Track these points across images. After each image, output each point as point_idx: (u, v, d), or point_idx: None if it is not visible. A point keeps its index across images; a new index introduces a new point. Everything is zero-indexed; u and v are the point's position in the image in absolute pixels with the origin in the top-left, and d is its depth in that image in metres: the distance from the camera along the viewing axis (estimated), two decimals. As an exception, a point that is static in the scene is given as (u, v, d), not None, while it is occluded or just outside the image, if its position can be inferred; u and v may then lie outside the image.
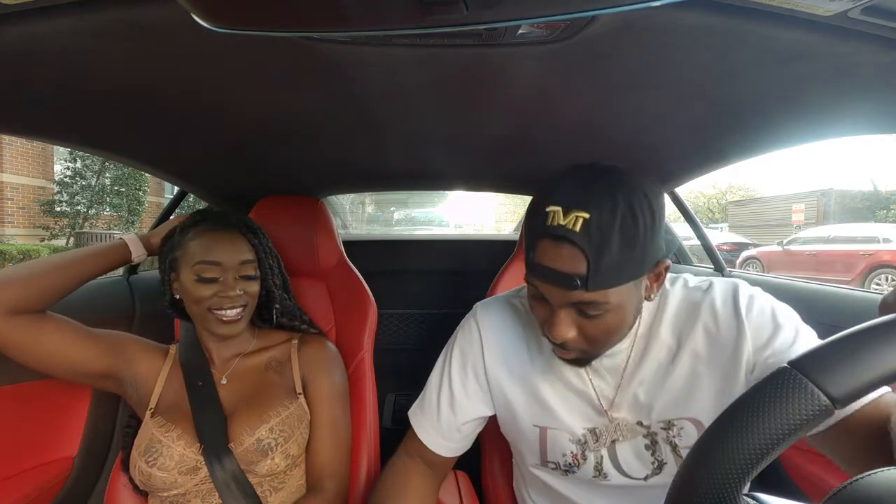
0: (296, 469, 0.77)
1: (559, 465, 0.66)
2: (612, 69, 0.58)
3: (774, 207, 15.41)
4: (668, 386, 0.61)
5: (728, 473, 0.28)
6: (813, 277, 4.00)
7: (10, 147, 7.44)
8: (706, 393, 0.59)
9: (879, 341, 0.28)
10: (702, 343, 0.60)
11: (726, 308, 0.59)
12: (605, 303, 0.51)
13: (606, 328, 0.54)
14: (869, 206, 14.15)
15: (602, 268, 0.49)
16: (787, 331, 0.56)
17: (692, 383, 0.60)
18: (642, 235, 0.49)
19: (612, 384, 0.64)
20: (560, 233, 0.49)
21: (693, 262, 1.47)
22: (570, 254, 0.49)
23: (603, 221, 0.48)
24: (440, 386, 0.71)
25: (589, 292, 0.50)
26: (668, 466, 0.62)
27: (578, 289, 0.50)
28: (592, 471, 0.65)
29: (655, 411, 0.62)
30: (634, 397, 0.63)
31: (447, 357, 0.73)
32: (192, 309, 0.76)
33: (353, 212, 5.48)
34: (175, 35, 0.50)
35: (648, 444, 0.63)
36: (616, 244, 0.48)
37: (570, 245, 0.49)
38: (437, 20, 0.36)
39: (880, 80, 0.55)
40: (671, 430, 0.61)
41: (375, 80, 0.62)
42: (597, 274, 0.49)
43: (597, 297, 0.51)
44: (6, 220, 7.44)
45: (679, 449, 0.61)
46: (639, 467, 0.63)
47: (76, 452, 0.91)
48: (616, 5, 0.34)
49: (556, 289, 0.52)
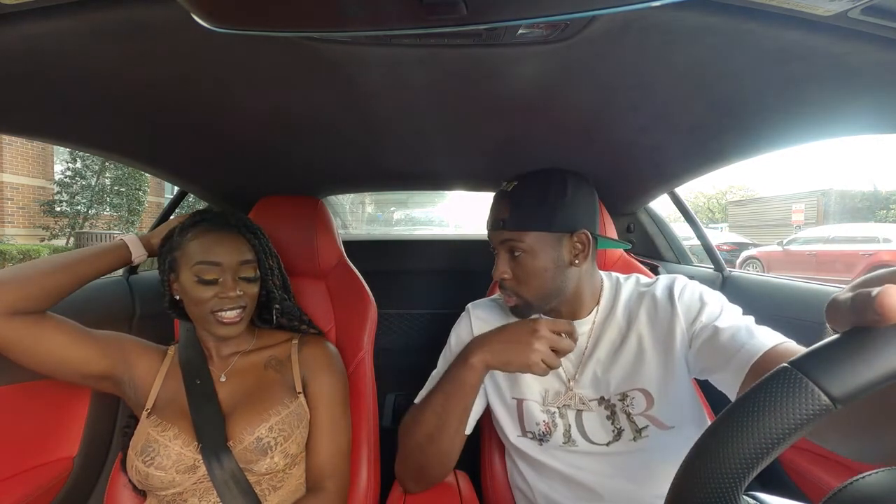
0: (295, 468, 0.77)
1: (535, 434, 0.77)
2: (612, 69, 0.58)
3: (774, 207, 15.42)
4: (619, 363, 0.74)
5: (728, 473, 0.28)
6: (813, 277, 4.00)
7: (10, 147, 7.44)
8: (651, 366, 0.72)
9: (880, 340, 0.28)
10: (645, 325, 0.74)
11: (663, 295, 0.74)
12: (522, 242, 0.71)
13: (529, 269, 0.72)
14: (869, 206, 14.15)
15: (520, 211, 0.71)
16: (713, 306, 0.69)
17: (639, 359, 0.73)
18: (551, 201, 0.71)
19: (574, 362, 0.78)
20: (499, 193, 0.75)
21: (693, 262, 1.47)
22: (502, 204, 0.73)
23: (525, 185, 0.73)
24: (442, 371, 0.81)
25: (507, 230, 0.72)
26: (626, 433, 0.73)
27: (503, 228, 0.72)
28: (562, 437, 0.75)
29: (612, 385, 0.74)
30: (594, 374, 0.76)
31: (448, 348, 0.86)
32: (192, 310, 0.76)
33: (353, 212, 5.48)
34: (175, 35, 0.50)
35: (609, 415, 0.74)
36: (532, 198, 0.71)
37: (501, 198, 0.74)
38: (437, 20, 0.36)
39: (880, 80, 0.55)
40: (625, 400, 0.73)
41: (375, 80, 0.62)
42: (515, 215, 0.71)
43: (514, 235, 0.71)
44: (6, 220, 7.44)
45: (633, 416, 0.72)
46: (602, 435, 0.74)
47: (76, 452, 0.91)
48: (616, 5, 0.34)
49: (492, 232, 0.75)
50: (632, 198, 1.34)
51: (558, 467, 0.75)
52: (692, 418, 0.73)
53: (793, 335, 0.61)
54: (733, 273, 1.21)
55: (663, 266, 1.44)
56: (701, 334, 0.67)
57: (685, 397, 0.72)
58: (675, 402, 0.71)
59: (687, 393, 0.72)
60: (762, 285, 1.10)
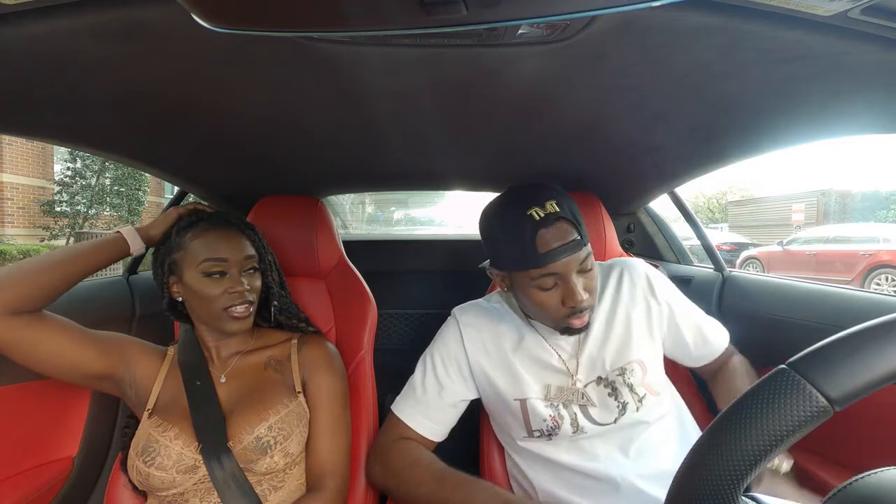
0: (295, 468, 0.77)
1: (543, 431, 0.76)
2: (613, 69, 0.58)
3: (774, 207, 15.41)
4: (612, 340, 0.78)
5: (727, 474, 0.28)
6: (813, 277, 4.00)
7: (10, 147, 7.43)
8: (639, 337, 0.78)
9: (877, 342, 0.28)
10: (627, 301, 0.80)
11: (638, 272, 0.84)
12: (591, 253, 0.70)
13: (595, 276, 0.72)
14: (869, 206, 14.15)
15: (582, 227, 0.69)
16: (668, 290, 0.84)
17: (628, 333, 0.78)
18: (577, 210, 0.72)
19: (571, 353, 0.79)
20: (551, 218, 0.67)
21: (693, 262, 1.47)
22: (565, 227, 0.68)
23: (564, 203, 0.69)
24: (424, 377, 0.83)
25: (586, 246, 0.69)
26: (630, 405, 0.75)
27: (582, 247, 0.68)
28: (570, 428, 0.75)
29: (608, 362, 0.77)
30: (589, 355, 0.78)
31: (430, 354, 0.85)
32: (202, 309, 0.76)
33: (353, 212, 5.49)
34: (175, 35, 0.50)
35: (611, 392, 0.75)
36: (577, 213, 0.70)
37: (561, 221, 0.67)
38: (437, 20, 0.36)
39: (880, 80, 0.55)
40: (625, 374, 0.76)
41: (375, 80, 0.62)
42: (582, 229, 0.69)
43: (587, 249, 0.70)
44: (6, 220, 7.43)
45: (634, 387, 0.75)
46: (607, 414, 0.75)
47: (76, 452, 0.91)
48: (616, 5, 0.34)
49: (570, 258, 0.67)
50: (632, 198, 1.34)
51: (566, 460, 0.75)
52: (667, 383, 0.83)
53: (793, 335, 0.62)
54: (733, 273, 1.21)
55: (663, 266, 1.44)
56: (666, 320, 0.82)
57: (661, 364, 0.81)
58: (659, 369, 0.80)
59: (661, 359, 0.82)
60: (762, 285, 1.10)
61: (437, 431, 0.81)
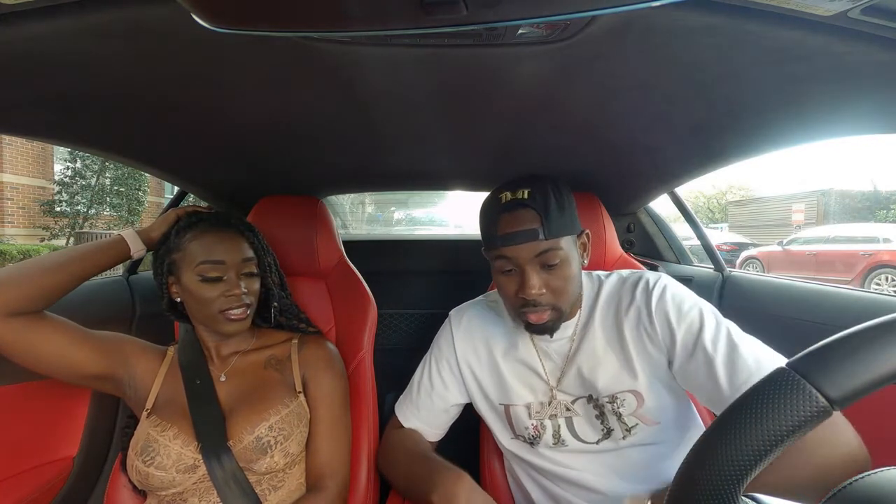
0: (295, 468, 0.77)
1: (525, 437, 0.77)
2: (613, 69, 0.58)
3: (774, 207, 15.41)
4: (606, 364, 0.73)
5: (727, 474, 0.28)
6: (813, 277, 4.00)
7: (10, 147, 7.43)
8: (639, 368, 0.71)
9: (878, 342, 0.28)
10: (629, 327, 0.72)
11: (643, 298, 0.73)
12: (559, 249, 0.66)
13: (564, 277, 0.68)
14: (869, 206, 14.14)
15: (550, 219, 0.66)
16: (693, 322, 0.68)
17: (626, 360, 0.72)
18: (567, 203, 0.69)
19: (558, 365, 0.77)
20: (514, 203, 0.67)
21: (693, 262, 1.47)
22: (526, 214, 0.66)
23: (541, 191, 0.67)
24: (420, 379, 0.85)
25: (546, 240, 0.66)
26: (615, 432, 0.73)
27: (539, 238, 0.65)
28: (552, 439, 0.75)
29: (600, 386, 0.73)
30: (579, 375, 0.74)
31: (427, 356, 0.87)
32: (199, 311, 0.76)
33: (353, 212, 5.48)
34: (175, 35, 0.50)
35: (598, 415, 0.74)
36: (553, 204, 0.67)
37: (524, 208, 0.66)
38: (437, 20, 0.36)
39: (880, 80, 0.55)
40: (615, 402, 0.72)
41: (375, 80, 0.62)
42: (548, 223, 0.66)
43: (552, 244, 0.66)
44: (6, 220, 7.43)
45: (623, 417, 0.72)
46: (591, 433, 0.74)
47: (76, 452, 0.91)
48: (616, 5, 0.34)
49: (522, 246, 0.66)
50: (632, 198, 1.34)
51: (550, 467, 0.76)
52: (678, 412, 0.74)
53: (793, 335, 0.62)
54: (733, 273, 1.21)
55: (663, 266, 1.44)
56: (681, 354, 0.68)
57: (671, 394, 0.73)
58: (663, 400, 0.72)
59: (672, 390, 0.73)
60: (762, 285, 1.10)
61: (431, 432, 0.83)
